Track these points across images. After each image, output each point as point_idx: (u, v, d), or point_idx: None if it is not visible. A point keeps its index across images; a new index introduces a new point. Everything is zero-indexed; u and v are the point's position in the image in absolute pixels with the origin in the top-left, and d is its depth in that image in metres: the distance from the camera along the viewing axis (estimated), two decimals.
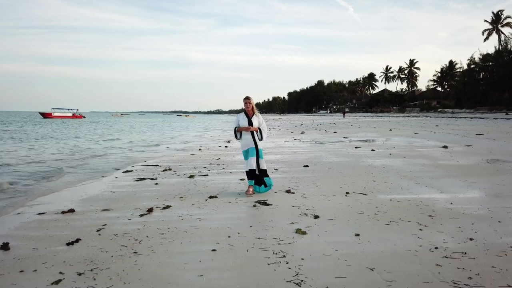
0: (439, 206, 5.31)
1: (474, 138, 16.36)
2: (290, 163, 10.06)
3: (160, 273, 3.26)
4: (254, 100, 6.39)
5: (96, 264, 3.48)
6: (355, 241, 3.96)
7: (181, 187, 7.11)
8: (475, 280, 2.99)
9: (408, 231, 4.23)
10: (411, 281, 3.00)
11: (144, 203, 5.88)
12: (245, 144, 6.29)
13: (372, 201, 5.65)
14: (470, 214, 4.89)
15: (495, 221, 4.57)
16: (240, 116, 6.40)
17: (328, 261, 3.43)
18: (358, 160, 10.49)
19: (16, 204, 6.36)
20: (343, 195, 6.13)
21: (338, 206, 5.42)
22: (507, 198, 5.75)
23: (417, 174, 7.97)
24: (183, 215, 5.13)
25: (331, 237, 4.09)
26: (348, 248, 3.74)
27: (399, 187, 6.65)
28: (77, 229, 4.59)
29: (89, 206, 5.80)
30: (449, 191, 6.24)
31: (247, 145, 6.27)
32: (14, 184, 8.30)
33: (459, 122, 34.74)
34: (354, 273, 3.17)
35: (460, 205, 5.32)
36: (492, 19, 76.35)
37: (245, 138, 6.30)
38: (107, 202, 6.07)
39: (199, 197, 6.19)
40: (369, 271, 3.22)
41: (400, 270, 3.22)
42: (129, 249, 3.87)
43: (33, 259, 3.66)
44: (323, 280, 3.04)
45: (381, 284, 2.97)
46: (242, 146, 6.38)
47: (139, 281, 3.12)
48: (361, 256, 3.53)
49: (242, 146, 6.38)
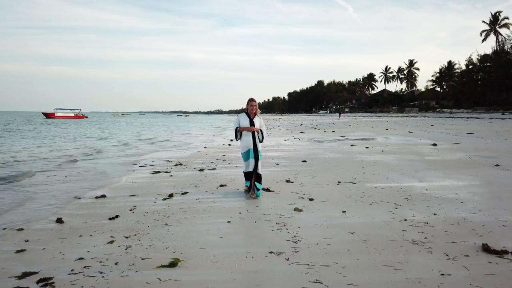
0: (415, 191, 6.28)
1: (463, 137, 17.33)
2: (289, 159, 11.01)
3: (189, 237, 4.23)
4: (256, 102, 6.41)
5: (137, 231, 4.45)
6: (342, 215, 4.93)
7: (194, 178, 8.07)
8: (429, 239, 3.96)
9: (385, 209, 5.19)
10: (381, 240, 3.96)
11: (164, 190, 6.84)
12: (245, 145, 6.22)
13: (359, 188, 6.62)
14: (440, 197, 5.86)
15: (458, 202, 5.54)
16: (241, 116, 6.32)
17: (319, 228, 4.39)
18: (352, 156, 11.45)
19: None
20: (335, 184, 7.09)
21: (330, 192, 6.39)
22: (475, 185, 6.71)
23: (403, 167, 8.93)
24: (200, 198, 6.10)
25: (322, 213, 5.06)
26: (335, 220, 4.71)
27: (385, 178, 7.61)
28: (113, 209, 5.55)
29: (117, 193, 6.77)
30: (427, 181, 7.20)
31: (247, 146, 6.20)
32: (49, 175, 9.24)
33: (455, 122, 35.68)
34: (338, 236, 4.14)
35: (434, 191, 6.28)
36: (490, 20, 77.29)
37: (245, 139, 6.22)
38: (132, 190, 7.04)
39: (211, 186, 7.16)
40: (350, 234, 4.18)
41: (374, 234, 4.18)
42: (160, 222, 4.84)
43: (85, 229, 4.63)
44: (314, 240, 4.01)
45: (358, 242, 3.93)
46: (242, 147, 6.30)
47: (173, 241, 4.08)
48: (345, 225, 4.50)
49: (242, 147, 6.30)
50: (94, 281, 3.14)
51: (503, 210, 5.05)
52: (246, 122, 6.21)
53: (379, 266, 3.32)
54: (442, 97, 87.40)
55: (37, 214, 5.49)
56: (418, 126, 28.79)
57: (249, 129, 6.16)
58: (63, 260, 3.64)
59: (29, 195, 6.89)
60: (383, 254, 3.58)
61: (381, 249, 3.70)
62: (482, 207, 5.23)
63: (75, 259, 3.62)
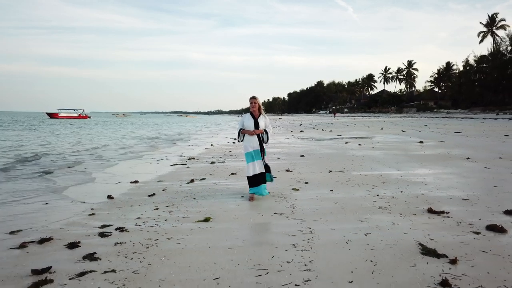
0: (391, 177, 7.71)
1: (450, 135, 18.75)
2: (289, 154, 12.44)
3: (214, 205, 5.65)
4: (260, 100, 6.16)
5: (173, 203, 5.88)
6: (329, 193, 6.35)
7: (207, 169, 9.50)
8: (391, 206, 5.38)
9: (364, 189, 6.62)
10: (356, 207, 5.38)
11: (185, 177, 8.27)
12: (249, 145, 6.03)
13: (346, 175, 8.04)
14: (410, 181, 7.28)
15: (423, 184, 6.97)
16: (246, 117, 6.12)
17: (311, 200, 5.82)
18: (345, 151, 12.87)
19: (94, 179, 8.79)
20: (327, 172, 8.52)
21: (322, 178, 7.82)
22: (441, 173, 8.14)
23: (387, 160, 10.36)
24: (216, 182, 7.53)
25: (315, 191, 6.49)
26: (324, 196, 6.13)
27: (369, 168, 9.04)
28: (148, 190, 6.98)
29: (147, 180, 8.20)
30: (404, 170, 8.63)
31: (252, 147, 6.01)
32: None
33: (449, 122, 37.10)
34: (325, 204, 5.56)
35: (406, 177, 7.71)
36: (487, 22, 78.73)
37: (249, 139, 6.03)
38: (158, 177, 8.48)
39: (223, 174, 8.59)
40: (334, 203, 5.60)
41: (351, 203, 5.60)
42: (189, 197, 6.27)
43: (133, 202, 6.06)
44: (306, 207, 5.43)
45: (338, 208, 5.35)
46: (245, 148, 6.09)
47: (203, 208, 5.50)
48: (331, 198, 5.92)
49: (245, 148, 6.09)
50: (154, 229, 4.56)
51: (455, 189, 6.47)
52: (251, 122, 6.00)
53: (352, 220, 4.75)
54: (440, 98, 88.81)
55: (90, 193, 6.93)
56: (412, 126, 30.21)
57: (250, 133, 5.98)
58: (126, 218, 5.07)
59: (84, 180, 8.36)
60: (355, 214, 5.00)
61: (355, 211, 5.13)
62: (439, 187, 6.66)
63: (135, 218, 5.05)
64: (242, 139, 6.16)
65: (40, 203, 6.19)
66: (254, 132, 5.97)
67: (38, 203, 6.20)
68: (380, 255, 3.56)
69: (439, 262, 3.38)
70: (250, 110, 6.12)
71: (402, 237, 4.06)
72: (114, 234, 4.37)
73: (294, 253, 3.67)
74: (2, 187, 7.92)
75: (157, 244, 4.02)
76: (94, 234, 4.41)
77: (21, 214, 5.49)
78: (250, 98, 6.09)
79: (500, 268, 3.24)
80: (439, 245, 3.77)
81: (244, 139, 6.12)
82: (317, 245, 3.89)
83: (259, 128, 6.03)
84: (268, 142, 6.18)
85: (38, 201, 6.36)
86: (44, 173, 9.78)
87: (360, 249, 3.73)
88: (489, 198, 5.77)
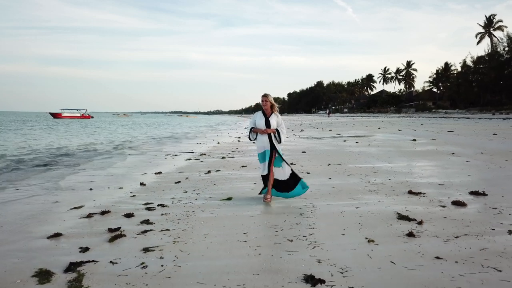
0: (382, 169, 8.87)
1: (443, 134, 19.91)
2: (292, 151, 13.60)
3: (233, 189, 6.82)
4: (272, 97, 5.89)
5: (198, 187, 7.04)
6: (328, 180, 7.51)
7: (220, 163, 10.66)
8: (379, 190, 6.53)
9: (358, 177, 7.78)
10: (349, 190, 6.54)
11: (202, 169, 9.43)
12: (261, 146, 5.83)
13: (343, 167, 9.21)
14: (398, 171, 8.45)
15: (408, 173, 8.13)
16: (257, 115, 5.92)
17: (313, 186, 6.94)
18: (343, 148, 14.04)
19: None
20: (326, 165, 9.68)
21: (322, 169, 8.98)
22: (426, 165, 9.30)
23: (380, 155, 11.52)
24: (230, 173, 8.69)
25: (315, 179, 7.65)
26: (323, 182, 7.30)
27: (364, 161, 10.20)
28: (173, 179, 8.13)
29: (168, 171, 9.35)
30: (394, 163, 9.79)
31: (263, 147, 5.81)
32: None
33: (446, 121, 38.23)
34: (324, 188, 6.72)
35: (395, 168, 8.87)
36: (484, 23, 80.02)
37: (261, 140, 5.80)
38: (178, 169, 9.64)
39: (235, 166, 9.75)
40: (331, 188, 6.76)
41: (346, 188, 6.76)
42: (210, 183, 7.43)
43: (163, 187, 7.22)
44: (310, 191, 6.57)
45: (336, 191, 6.50)
46: (258, 148, 5.90)
47: (224, 191, 6.66)
48: (329, 184, 7.08)
49: (258, 148, 5.90)
50: (188, 205, 5.71)
51: (434, 177, 7.64)
52: (262, 121, 5.78)
53: (346, 199, 5.91)
54: (439, 98, 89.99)
55: (122, 181, 8.09)
56: (409, 126, 31.37)
57: (261, 132, 5.76)
58: (162, 198, 6.22)
59: (113, 173, 9.53)
60: (349, 195, 6.16)
61: (349, 193, 6.30)
62: (422, 176, 7.82)
63: (170, 198, 6.21)
64: (255, 138, 5.90)
65: (86, 190, 7.35)
66: (265, 131, 5.72)
67: (84, 189, 7.36)
68: (366, 220, 4.72)
69: (409, 223, 4.54)
70: (262, 108, 5.88)
71: (384, 209, 5.22)
72: (158, 209, 5.53)
73: (301, 219, 4.84)
74: (51, 174, 9.09)
75: (194, 214, 5.19)
76: (141, 209, 5.57)
77: (74, 195, 6.64)
78: (262, 95, 5.85)
79: (453, 226, 4.39)
80: (412, 214, 4.93)
81: (256, 139, 5.89)
82: (319, 214, 5.05)
83: (271, 127, 5.78)
84: (282, 142, 5.89)
85: (82, 188, 7.52)
86: (75, 166, 10.95)
87: (351, 217, 4.89)
88: (461, 183, 6.93)
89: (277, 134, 5.84)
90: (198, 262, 3.50)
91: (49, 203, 6.12)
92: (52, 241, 4.22)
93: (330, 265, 3.37)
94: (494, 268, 3.23)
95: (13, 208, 5.90)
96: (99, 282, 3.12)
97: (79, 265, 3.45)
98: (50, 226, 4.77)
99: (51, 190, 7.42)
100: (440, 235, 4.10)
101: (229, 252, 3.75)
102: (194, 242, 4.04)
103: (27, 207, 5.89)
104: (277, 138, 5.84)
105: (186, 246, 3.92)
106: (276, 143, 5.83)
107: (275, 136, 5.84)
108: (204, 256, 3.65)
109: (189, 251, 3.78)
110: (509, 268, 3.23)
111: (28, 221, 5.05)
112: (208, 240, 4.10)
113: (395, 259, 3.46)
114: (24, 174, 9.85)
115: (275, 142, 5.82)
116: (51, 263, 3.53)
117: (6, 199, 6.64)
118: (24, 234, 4.50)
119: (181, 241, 4.09)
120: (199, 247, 3.90)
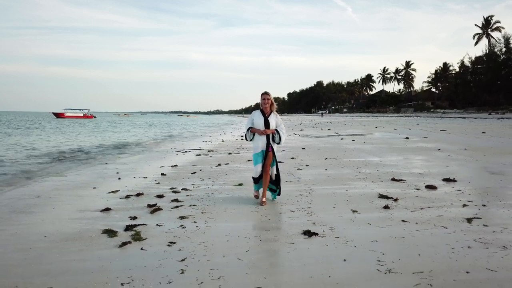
0: (373, 162, 10.02)
1: (435, 133, 21.07)
2: (292, 147, 14.76)
3: (242, 177, 7.96)
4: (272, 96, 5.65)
5: (213, 177, 8.19)
6: (324, 171, 8.67)
7: (227, 158, 11.81)
8: (367, 177, 7.68)
9: (350, 169, 8.93)
10: (342, 178, 7.69)
11: (212, 163, 10.58)
12: (258, 146, 5.59)
13: (338, 161, 10.36)
14: (386, 164, 9.60)
15: (395, 166, 9.28)
16: (255, 114, 5.65)
17: (311, 175, 8.12)
18: (340, 145, 15.19)
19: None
20: (323, 159, 10.84)
21: (319, 162, 10.14)
22: (412, 159, 10.46)
23: (373, 151, 12.67)
24: (238, 166, 9.85)
25: (313, 170, 8.80)
26: (320, 172, 8.45)
27: (358, 156, 11.36)
28: (188, 170, 9.28)
29: (182, 164, 10.51)
30: (384, 157, 10.95)
31: (261, 147, 5.58)
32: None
33: (442, 121, 39.37)
34: (321, 177, 7.87)
35: (384, 162, 10.02)
36: (482, 24, 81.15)
37: (258, 140, 5.58)
38: (191, 163, 10.79)
39: (241, 161, 10.90)
40: (327, 176, 7.92)
41: (339, 176, 7.91)
42: (222, 174, 8.58)
43: (182, 176, 8.37)
44: (308, 178, 7.74)
45: (330, 178, 7.65)
46: (255, 148, 5.65)
47: (235, 179, 7.81)
48: (325, 174, 8.24)
49: (255, 148, 5.65)
50: (207, 189, 6.86)
51: (417, 168, 8.79)
52: (260, 120, 5.54)
53: (339, 184, 7.06)
54: (437, 98, 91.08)
55: (144, 173, 9.24)
56: (405, 125, 32.52)
57: (260, 133, 5.52)
58: (183, 185, 7.36)
59: (133, 167, 10.70)
60: (341, 181, 7.32)
61: (341, 180, 7.45)
62: (406, 167, 8.98)
63: (190, 184, 7.36)
64: (252, 138, 5.64)
65: (115, 179, 8.51)
66: (264, 131, 5.49)
67: (114, 178, 8.52)
68: (353, 199, 5.88)
69: (387, 200, 5.69)
70: (261, 107, 5.60)
71: (369, 191, 6.38)
72: (182, 192, 6.68)
73: (301, 198, 5.99)
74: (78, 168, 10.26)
75: (214, 195, 6.35)
76: (168, 192, 6.72)
77: (108, 183, 7.79)
78: (262, 93, 5.60)
79: (421, 203, 5.55)
80: (391, 194, 6.08)
81: (253, 139, 5.64)
82: (315, 195, 6.20)
83: (270, 128, 5.55)
84: (281, 143, 5.72)
85: (112, 177, 8.68)
86: (103, 162, 12.11)
87: (342, 196, 6.04)
88: (438, 173, 8.08)
89: (276, 135, 5.62)
90: (224, 224, 4.66)
91: (90, 189, 7.28)
92: (105, 213, 5.37)
93: (322, 225, 4.52)
94: (443, 226, 4.39)
95: (63, 191, 7.05)
96: (153, 236, 4.26)
97: (134, 226, 4.59)
98: (98, 203, 5.92)
99: (91, 178, 8.58)
100: (409, 208, 5.25)
101: (245, 218, 4.91)
102: (218, 213, 5.20)
103: (74, 191, 7.04)
104: (276, 139, 5.62)
105: (212, 215, 5.07)
106: (274, 144, 5.63)
107: (273, 136, 5.62)
108: (227, 221, 4.81)
109: (215, 218, 4.93)
110: (454, 226, 4.38)
111: (79, 201, 6.20)
112: (229, 211, 5.26)
113: (371, 222, 4.61)
114: (67, 166, 11.05)
115: (273, 143, 5.61)
116: (111, 225, 4.68)
117: (55, 186, 7.79)
118: (80, 208, 5.64)
119: (207, 212, 5.25)
120: (222, 216, 5.06)
